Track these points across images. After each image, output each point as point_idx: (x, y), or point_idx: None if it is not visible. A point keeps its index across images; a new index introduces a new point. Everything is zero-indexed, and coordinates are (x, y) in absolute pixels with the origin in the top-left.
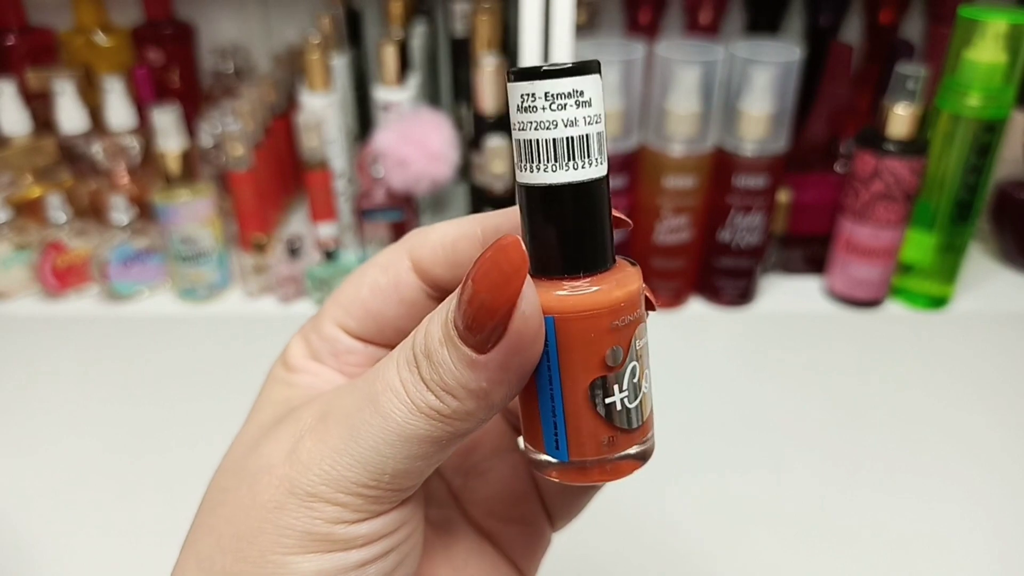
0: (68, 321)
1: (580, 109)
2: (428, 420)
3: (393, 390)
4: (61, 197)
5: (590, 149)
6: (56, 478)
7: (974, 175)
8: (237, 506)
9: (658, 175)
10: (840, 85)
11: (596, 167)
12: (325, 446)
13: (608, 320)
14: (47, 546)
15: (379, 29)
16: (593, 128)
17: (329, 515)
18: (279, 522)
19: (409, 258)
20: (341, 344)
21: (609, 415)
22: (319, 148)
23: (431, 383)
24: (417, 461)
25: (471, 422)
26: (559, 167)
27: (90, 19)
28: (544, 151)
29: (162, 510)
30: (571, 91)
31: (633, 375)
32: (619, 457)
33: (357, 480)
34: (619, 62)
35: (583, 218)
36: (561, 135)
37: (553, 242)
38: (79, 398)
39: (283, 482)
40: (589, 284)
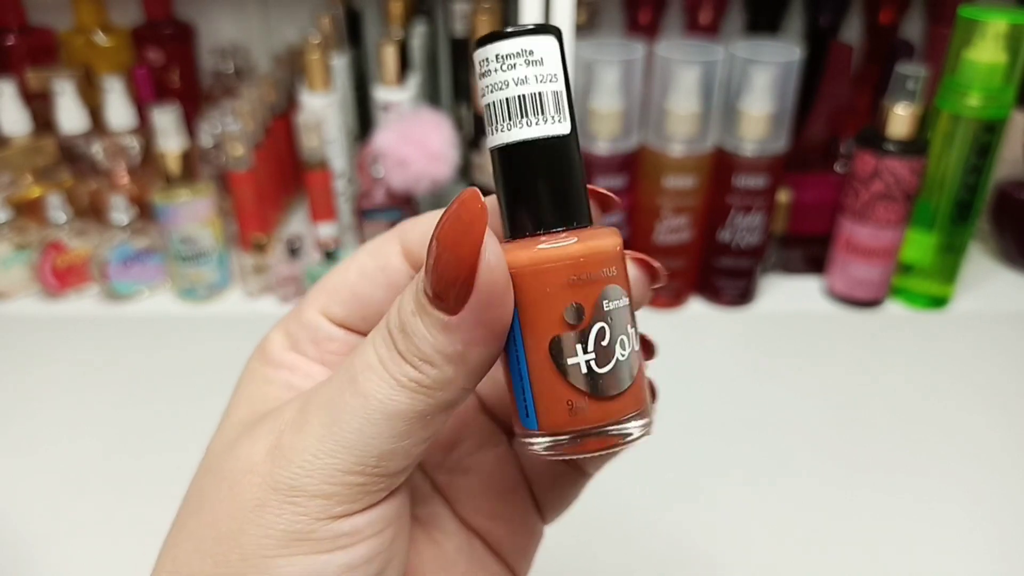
0: (68, 321)
1: (531, 68)
2: (409, 393)
3: (371, 368)
4: (61, 197)
5: (543, 106)
6: (56, 478)
7: (974, 175)
8: (217, 509)
9: (658, 175)
10: (840, 85)
11: (552, 124)
12: (306, 436)
13: (564, 275)
14: (47, 546)
15: (379, 29)
16: (547, 86)
17: (313, 510)
18: (261, 521)
19: (399, 243)
20: (322, 331)
21: (573, 377)
22: (319, 148)
23: (408, 354)
24: (403, 440)
25: (452, 390)
26: (513, 125)
27: (90, 19)
28: (500, 111)
29: (162, 510)
30: (519, 51)
31: (602, 337)
32: (595, 431)
33: (342, 467)
34: (619, 62)
35: (542, 175)
36: (513, 93)
37: (515, 201)
38: (79, 398)
39: (264, 479)
40: (547, 240)
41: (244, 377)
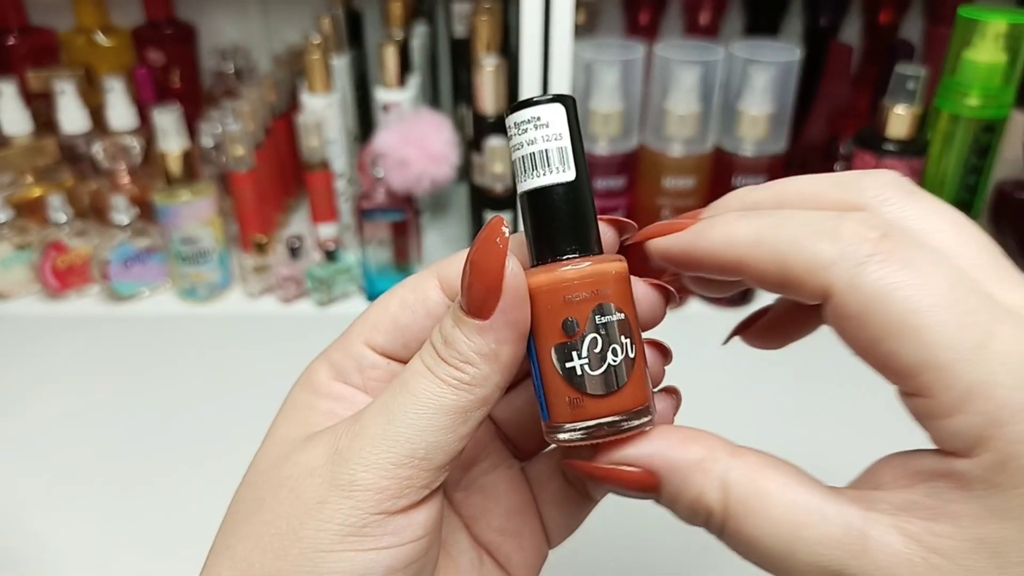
0: (69, 321)
1: (538, 131)
2: (453, 390)
3: (420, 373)
4: (62, 197)
5: (549, 160)
6: (56, 478)
7: (974, 175)
8: (277, 510)
9: (658, 175)
10: (840, 85)
11: (557, 174)
12: (363, 437)
13: (560, 295)
14: (47, 546)
15: (379, 30)
16: (552, 144)
17: (367, 503)
18: (320, 516)
19: (437, 278)
20: (367, 360)
21: (570, 377)
22: (320, 148)
23: (450, 358)
24: (446, 434)
25: (488, 386)
26: (528, 176)
27: (91, 20)
28: (519, 166)
29: (163, 510)
30: (529, 118)
31: (594, 345)
32: (591, 422)
33: (394, 460)
34: (619, 63)
35: (552, 214)
36: (526, 152)
37: (534, 235)
38: (79, 398)
39: (325, 479)
40: (550, 267)
41: (289, 403)
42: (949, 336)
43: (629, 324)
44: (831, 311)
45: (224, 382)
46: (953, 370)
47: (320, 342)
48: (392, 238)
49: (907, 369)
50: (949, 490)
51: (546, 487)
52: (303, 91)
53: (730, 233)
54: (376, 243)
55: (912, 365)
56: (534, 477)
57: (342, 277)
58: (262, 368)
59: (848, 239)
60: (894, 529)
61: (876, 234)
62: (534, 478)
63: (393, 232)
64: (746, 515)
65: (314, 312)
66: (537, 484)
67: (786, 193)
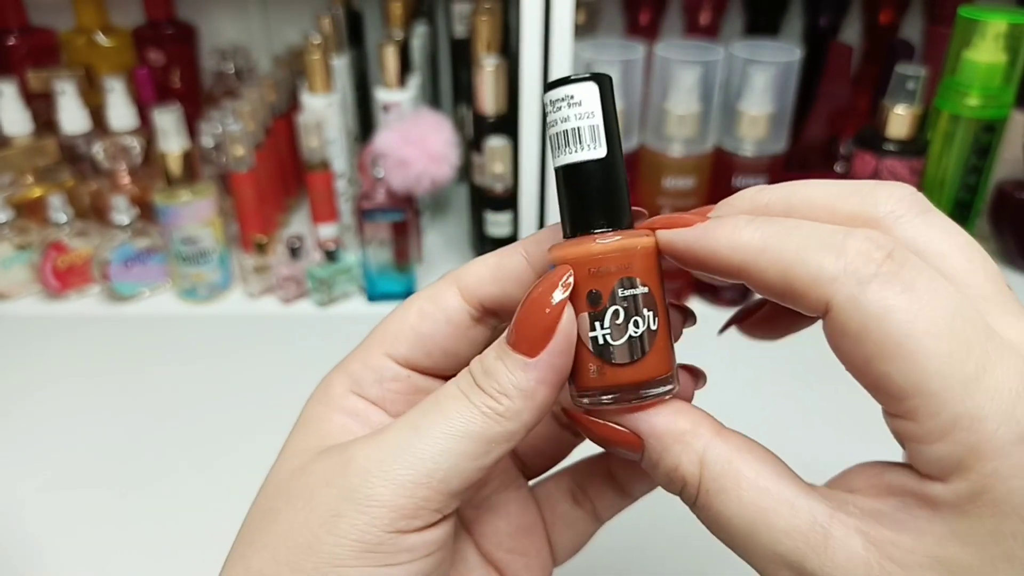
0: (69, 321)
1: (571, 108)
2: (484, 419)
3: (454, 396)
4: (62, 197)
5: (581, 137)
6: (56, 478)
7: (974, 175)
8: (293, 520)
9: (658, 176)
10: (840, 85)
11: (589, 151)
12: (384, 451)
13: (586, 267)
14: (47, 546)
15: (380, 30)
16: (584, 122)
17: (383, 520)
18: (336, 531)
19: (455, 285)
20: (388, 372)
21: (593, 346)
22: (320, 149)
23: (488, 388)
24: (469, 460)
25: (518, 422)
26: (561, 153)
27: (91, 20)
28: (554, 142)
29: (163, 510)
30: (563, 96)
31: (616, 317)
32: (614, 389)
33: (413, 478)
34: (619, 62)
35: (583, 189)
36: (560, 129)
37: (566, 208)
38: (80, 398)
39: (342, 491)
40: (579, 241)
41: (305, 415)
42: (942, 364)
43: (653, 297)
44: (829, 326)
45: (224, 382)
46: (942, 398)
47: (320, 342)
48: (392, 238)
49: (897, 392)
50: (918, 507)
51: (555, 508)
52: (303, 91)
53: (736, 237)
54: (376, 243)
55: (902, 389)
56: (543, 497)
57: (342, 277)
58: (262, 368)
59: (853, 256)
60: (857, 532)
61: (881, 254)
62: (543, 498)
63: (393, 232)
64: (717, 492)
65: (314, 312)
66: (546, 504)
67: (798, 198)
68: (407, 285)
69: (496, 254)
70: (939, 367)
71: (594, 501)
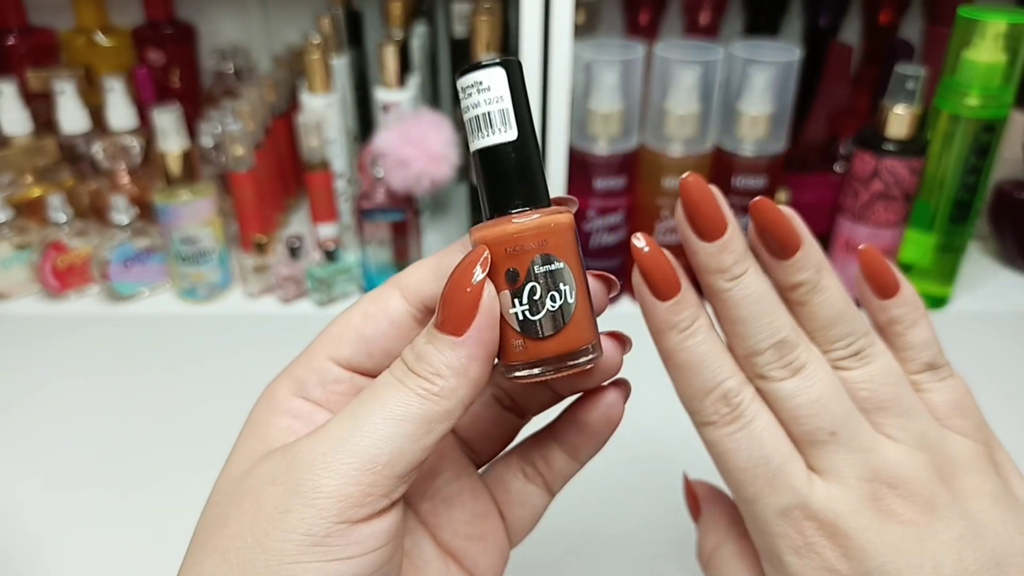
0: (68, 321)
1: (480, 94)
2: (421, 400)
3: (389, 384)
4: (62, 197)
5: (492, 122)
6: (55, 478)
7: (973, 175)
8: (241, 522)
9: (657, 175)
10: (839, 85)
11: (500, 134)
12: (327, 442)
13: (503, 247)
14: (47, 546)
15: (379, 30)
16: (494, 106)
17: (330, 511)
18: (283, 526)
19: (397, 288)
20: (331, 374)
21: (515, 323)
22: (320, 148)
23: (421, 371)
24: (411, 442)
25: (454, 399)
26: (475, 138)
27: (91, 19)
28: (468, 127)
29: (163, 510)
30: (472, 83)
31: (534, 293)
32: (539, 362)
33: (358, 465)
34: (618, 62)
35: (497, 171)
36: (472, 115)
37: (483, 190)
38: (79, 398)
39: (287, 486)
40: (497, 222)
41: (250, 421)
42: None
43: (570, 271)
44: None
45: (224, 382)
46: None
47: None
48: (392, 238)
49: None
50: None
51: (508, 488)
52: (303, 91)
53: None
54: (376, 243)
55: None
56: (494, 480)
57: (342, 277)
58: (262, 368)
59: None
60: None
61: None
62: (494, 481)
63: (393, 232)
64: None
65: (314, 312)
66: (498, 486)
67: None
68: None
69: (437, 254)
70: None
71: (544, 474)
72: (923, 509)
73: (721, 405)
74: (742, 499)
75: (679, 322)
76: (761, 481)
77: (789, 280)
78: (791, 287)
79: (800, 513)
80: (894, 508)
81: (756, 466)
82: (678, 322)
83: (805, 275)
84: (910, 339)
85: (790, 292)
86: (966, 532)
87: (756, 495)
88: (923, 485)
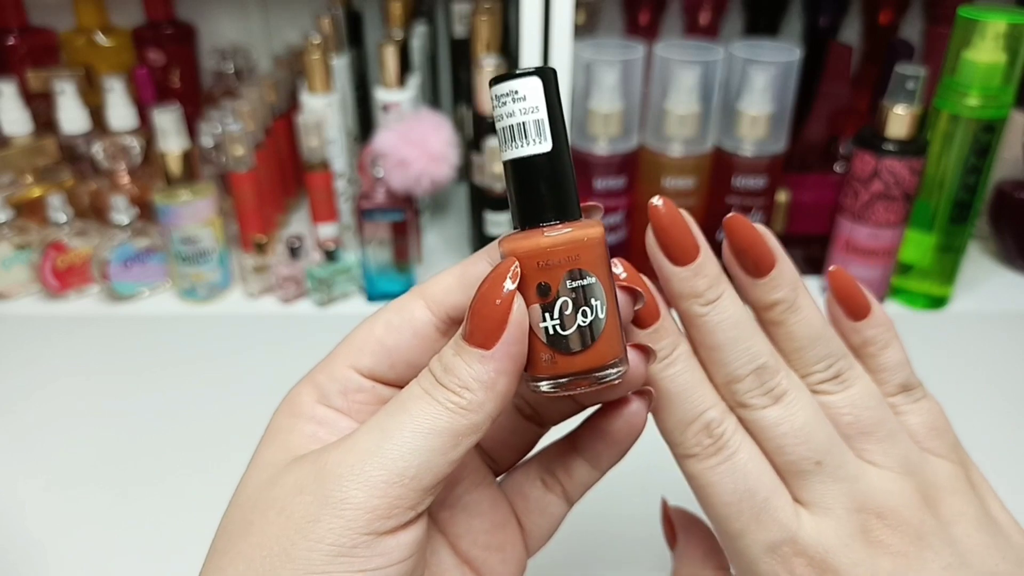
0: (69, 321)
1: (516, 103)
2: (449, 414)
3: (418, 396)
4: (62, 197)
5: (527, 132)
6: (55, 478)
7: (973, 175)
8: (267, 531)
9: (657, 175)
10: (839, 85)
11: (534, 145)
12: (355, 454)
13: (535, 260)
14: (46, 546)
15: (379, 30)
16: (529, 116)
17: (358, 523)
18: (311, 536)
19: (420, 297)
20: (352, 383)
21: (544, 336)
22: (320, 148)
23: (449, 384)
24: (438, 455)
25: (482, 413)
26: (508, 147)
27: (91, 20)
28: (501, 136)
29: (163, 510)
30: (508, 91)
31: (565, 308)
32: (567, 375)
33: (386, 478)
34: (618, 63)
35: (530, 182)
36: (506, 124)
37: (514, 201)
38: (79, 398)
39: (316, 497)
40: (528, 234)
41: (272, 427)
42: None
43: (601, 286)
44: None
45: (224, 382)
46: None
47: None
48: (392, 238)
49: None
50: None
51: (527, 496)
52: (303, 91)
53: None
54: (376, 243)
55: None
56: (513, 488)
57: (342, 277)
58: (262, 368)
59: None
60: None
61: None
62: (513, 489)
63: (393, 232)
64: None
65: (314, 312)
66: (517, 495)
67: None
68: (407, 285)
69: (461, 264)
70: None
71: (564, 483)
72: (912, 539)
73: (703, 436)
74: (727, 535)
75: (658, 350)
76: (747, 516)
77: (765, 299)
78: (767, 306)
79: (789, 549)
80: (884, 539)
81: (741, 500)
82: (656, 350)
83: (781, 293)
84: (883, 360)
85: (766, 312)
86: (953, 560)
87: (742, 530)
88: (911, 513)
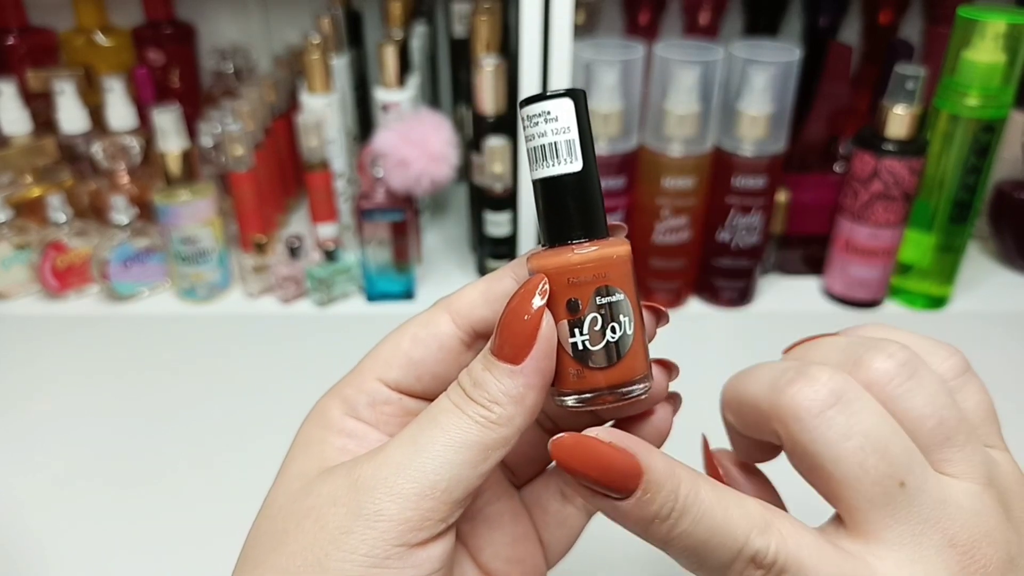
0: (68, 321)
1: (548, 124)
2: (479, 428)
3: (448, 410)
4: (61, 197)
5: (558, 152)
6: (56, 478)
7: (973, 175)
8: (302, 541)
9: (657, 176)
10: (839, 85)
11: (565, 165)
12: (388, 467)
13: (564, 277)
14: (46, 546)
15: (379, 30)
16: (560, 136)
17: (391, 534)
18: (345, 547)
19: (446, 311)
20: (380, 396)
21: (573, 351)
22: (319, 148)
23: (479, 398)
24: (468, 469)
25: (511, 427)
26: (538, 167)
27: (90, 19)
28: (531, 156)
29: (163, 510)
30: (540, 112)
31: (594, 324)
32: (593, 391)
33: (418, 491)
34: (618, 62)
35: (560, 201)
36: (538, 144)
37: (543, 219)
38: (79, 398)
39: (350, 508)
40: (558, 251)
41: (302, 439)
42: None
43: (628, 303)
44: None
45: (224, 382)
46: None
47: (319, 342)
48: (392, 238)
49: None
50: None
51: (547, 508)
52: (303, 91)
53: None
54: (376, 243)
55: (826, 497)
56: (533, 501)
57: (342, 277)
58: (262, 368)
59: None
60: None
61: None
62: (533, 502)
63: (393, 232)
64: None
65: (314, 312)
66: (537, 508)
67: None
68: (406, 285)
69: (486, 279)
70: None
71: None
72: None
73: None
74: None
75: (659, 511)
76: None
77: (647, 512)
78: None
79: None
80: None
81: None
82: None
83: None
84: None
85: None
86: None
87: None
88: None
